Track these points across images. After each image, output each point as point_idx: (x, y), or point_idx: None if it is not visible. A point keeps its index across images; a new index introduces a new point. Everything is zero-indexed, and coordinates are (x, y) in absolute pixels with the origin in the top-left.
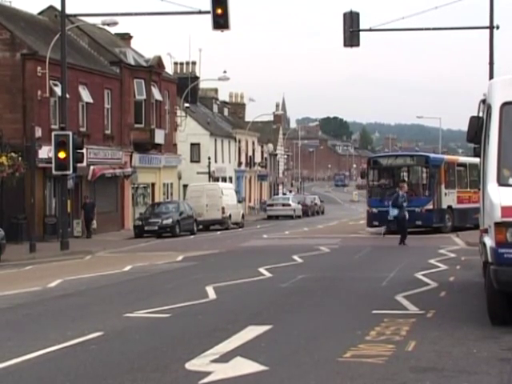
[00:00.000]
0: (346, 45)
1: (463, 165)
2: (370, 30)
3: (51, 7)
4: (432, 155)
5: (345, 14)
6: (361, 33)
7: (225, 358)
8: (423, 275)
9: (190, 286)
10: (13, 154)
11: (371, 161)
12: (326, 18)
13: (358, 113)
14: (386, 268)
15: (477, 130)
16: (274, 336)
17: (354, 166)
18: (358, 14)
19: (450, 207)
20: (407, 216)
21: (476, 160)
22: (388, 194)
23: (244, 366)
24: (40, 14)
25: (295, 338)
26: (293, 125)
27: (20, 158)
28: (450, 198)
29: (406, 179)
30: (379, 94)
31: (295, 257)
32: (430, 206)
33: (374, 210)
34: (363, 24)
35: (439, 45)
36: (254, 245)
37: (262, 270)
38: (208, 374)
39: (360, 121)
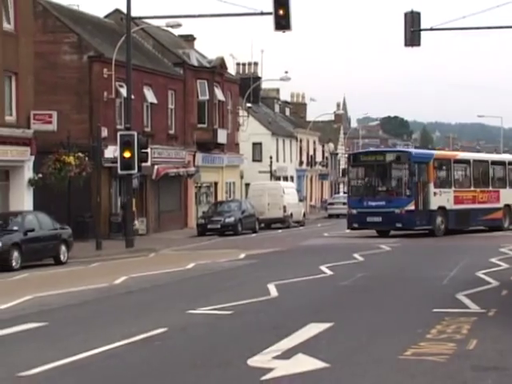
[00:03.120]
0: (406, 44)
1: (465, 161)
2: (431, 29)
3: (117, 10)
4: (415, 151)
5: (406, 14)
6: (421, 32)
7: (286, 355)
8: (484, 274)
9: (252, 283)
10: (80, 154)
11: (351, 157)
12: (387, 17)
13: (418, 112)
14: (446, 267)
15: None
16: (334, 333)
17: None
18: (419, 14)
19: (442, 208)
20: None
21: (483, 156)
22: (369, 194)
23: (305, 363)
24: (106, 17)
25: (356, 336)
26: (354, 124)
27: (86, 158)
28: (442, 198)
29: (388, 177)
30: (440, 93)
31: (356, 255)
32: (411, 207)
33: (354, 211)
34: (424, 23)
35: (500, 43)
36: (315, 243)
37: (323, 267)
38: (270, 370)
39: (421, 120)
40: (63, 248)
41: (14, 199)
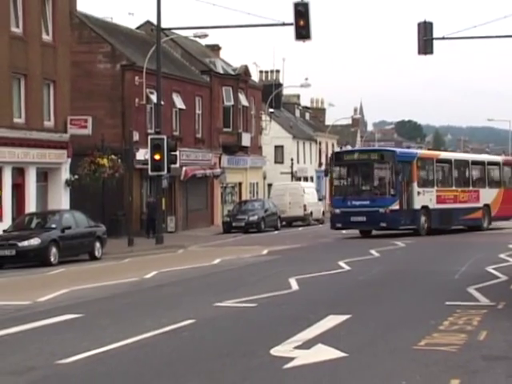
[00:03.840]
0: (420, 53)
1: (447, 161)
2: (443, 38)
3: (148, 22)
4: (400, 150)
5: (419, 24)
6: (434, 41)
7: (307, 345)
8: (494, 269)
9: (274, 277)
10: (113, 157)
11: (334, 156)
12: (402, 26)
13: (431, 116)
14: (458, 262)
15: None
16: (352, 325)
17: None
18: (431, 24)
19: (425, 207)
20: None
21: (463, 156)
22: (353, 193)
23: (325, 353)
24: (138, 28)
25: (373, 327)
26: (370, 128)
27: (119, 160)
28: (425, 198)
29: (372, 177)
30: (452, 98)
31: (372, 251)
32: (395, 207)
33: (337, 211)
34: (436, 33)
35: (508, 51)
36: (333, 240)
37: (341, 263)
38: (291, 359)
39: (433, 123)
40: (98, 244)
41: (52, 199)
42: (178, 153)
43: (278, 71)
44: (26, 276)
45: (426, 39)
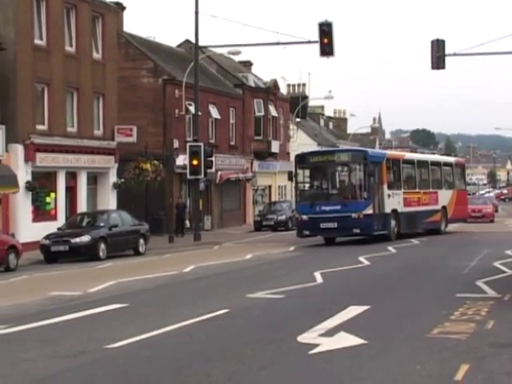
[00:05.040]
0: (433, 68)
1: (410, 162)
2: (455, 54)
3: (187, 41)
4: (371, 150)
5: (432, 42)
6: (446, 57)
7: (330, 333)
8: (501, 264)
9: (300, 271)
10: (155, 162)
11: (299, 158)
12: (416, 43)
13: (443, 125)
14: (467, 258)
15: None
16: (371, 315)
17: None
18: (443, 42)
19: (395, 211)
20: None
21: (424, 157)
22: (322, 198)
23: (346, 340)
24: (178, 46)
25: (389, 317)
26: (387, 136)
27: (161, 165)
28: (394, 201)
29: (343, 179)
30: (462, 108)
31: (389, 248)
32: (369, 211)
33: (304, 217)
34: (448, 49)
35: None
36: (354, 237)
37: (361, 258)
38: (316, 345)
39: (445, 132)
40: (141, 241)
41: (101, 200)
42: (213, 158)
43: (304, 84)
44: (78, 269)
45: (438, 55)
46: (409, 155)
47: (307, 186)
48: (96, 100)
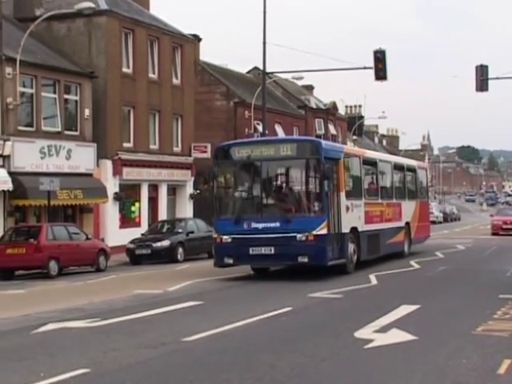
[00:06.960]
0: (477, 90)
1: (371, 162)
2: (497, 78)
3: (255, 68)
4: (326, 143)
5: (476, 67)
6: (489, 81)
7: (384, 329)
8: None
9: (357, 274)
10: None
11: (219, 151)
12: (460, 67)
13: (486, 141)
14: (510, 262)
15: None
16: (421, 313)
17: (484, 183)
18: (487, 67)
19: (354, 230)
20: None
21: (387, 157)
22: (251, 211)
23: (398, 336)
24: (247, 72)
25: (438, 315)
26: (435, 152)
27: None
28: (354, 215)
29: (284, 183)
30: (504, 125)
31: (437, 253)
32: (322, 231)
33: (226, 239)
34: (491, 73)
35: None
36: None
37: (412, 262)
38: (371, 341)
39: (488, 148)
40: None
41: (179, 209)
42: None
43: (360, 106)
44: (159, 270)
45: (482, 79)
46: (369, 153)
47: (231, 192)
48: (175, 120)
